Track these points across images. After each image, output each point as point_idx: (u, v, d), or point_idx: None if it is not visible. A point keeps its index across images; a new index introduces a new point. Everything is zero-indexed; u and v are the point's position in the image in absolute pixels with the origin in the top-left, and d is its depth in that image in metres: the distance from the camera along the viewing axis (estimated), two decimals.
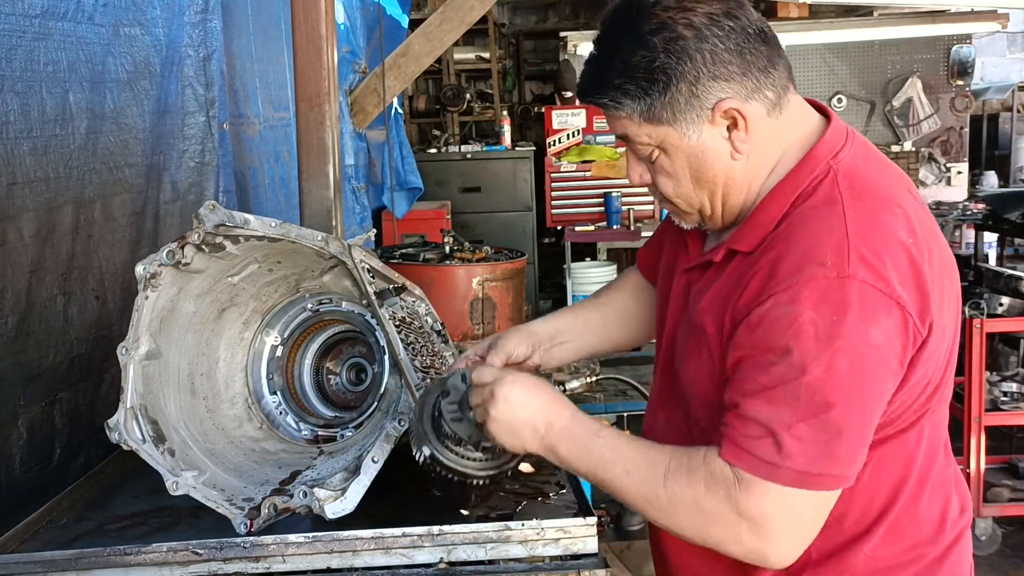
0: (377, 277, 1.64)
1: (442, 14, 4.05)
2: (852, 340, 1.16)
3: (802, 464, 1.15)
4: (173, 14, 2.42)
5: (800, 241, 1.24)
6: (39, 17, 1.87)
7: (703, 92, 1.27)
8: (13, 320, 1.80)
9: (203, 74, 2.54)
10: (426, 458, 1.37)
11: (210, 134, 2.57)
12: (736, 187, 1.35)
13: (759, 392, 1.19)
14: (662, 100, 1.27)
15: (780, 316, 1.19)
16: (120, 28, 2.16)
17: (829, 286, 1.18)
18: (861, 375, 1.17)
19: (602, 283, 6.76)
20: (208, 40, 2.56)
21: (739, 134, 1.30)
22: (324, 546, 1.41)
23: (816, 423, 1.16)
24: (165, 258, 1.54)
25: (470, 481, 1.39)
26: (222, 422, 1.71)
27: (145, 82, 2.28)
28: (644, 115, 1.29)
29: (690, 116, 1.29)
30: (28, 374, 1.85)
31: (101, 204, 2.10)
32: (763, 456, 1.17)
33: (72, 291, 1.99)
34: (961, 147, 7.20)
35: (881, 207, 1.26)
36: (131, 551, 1.41)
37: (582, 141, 6.98)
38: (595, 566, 1.40)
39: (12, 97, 1.79)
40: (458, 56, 8.85)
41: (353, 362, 1.84)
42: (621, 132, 1.35)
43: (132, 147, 2.23)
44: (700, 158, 1.32)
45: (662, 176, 1.36)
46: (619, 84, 1.29)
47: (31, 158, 1.84)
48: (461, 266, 2.62)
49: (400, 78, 4.20)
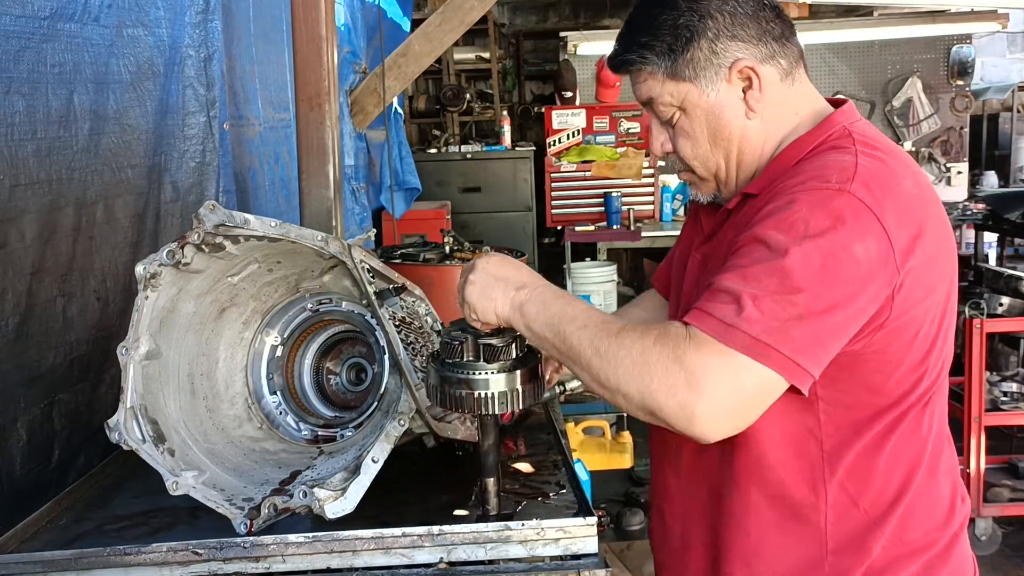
0: (377, 277, 1.64)
1: (442, 14, 4.05)
2: (834, 243, 1.20)
3: (756, 331, 1.17)
4: (175, 14, 2.42)
5: (809, 169, 1.31)
6: (48, 19, 1.87)
7: (722, 50, 1.36)
8: (13, 322, 1.80)
9: (204, 74, 2.54)
10: (434, 385, 1.39)
11: (211, 134, 2.57)
12: (750, 147, 1.41)
13: (735, 269, 1.23)
14: (684, 57, 1.36)
15: (773, 212, 1.25)
16: (123, 29, 2.16)
17: (827, 195, 1.24)
18: (835, 275, 1.20)
19: (602, 283, 6.78)
20: (209, 40, 2.56)
21: (754, 94, 1.38)
22: (324, 546, 1.41)
23: (781, 300, 1.18)
24: (165, 258, 1.54)
25: (479, 395, 1.36)
26: (222, 422, 1.71)
27: (148, 83, 2.28)
28: (668, 71, 1.38)
29: (709, 73, 1.37)
30: (28, 376, 1.85)
31: (103, 205, 2.10)
32: (721, 317, 1.18)
33: (72, 292, 1.99)
34: (961, 147, 7.20)
35: (894, 161, 1.32)
36: (131, 551, 1.41)
37: (582, 141, 6.97)
38: (595, 566, 1.40)
39: (18, 99, 1.79)
40: (458, 56, 8.85)
41: (353, 362, 1.84)
42: (646, 96, 1.43)
43: (135, 148, 2.23)
44: (717, 116, 1.39)
45: (681, 139, 1.43)
46: (646, 42, 1.38)
47: (35, 160, 1.85)
48: (461, 266, 2.62)
49: (400, 78, 4.20)
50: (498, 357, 1.37)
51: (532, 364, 1.40)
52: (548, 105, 7.55)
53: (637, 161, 6.79)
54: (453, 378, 1.37)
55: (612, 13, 9.81)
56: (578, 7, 10.20)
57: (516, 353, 1.39)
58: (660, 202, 6.86)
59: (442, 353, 1.41)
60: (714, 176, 1.46)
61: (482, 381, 1.36)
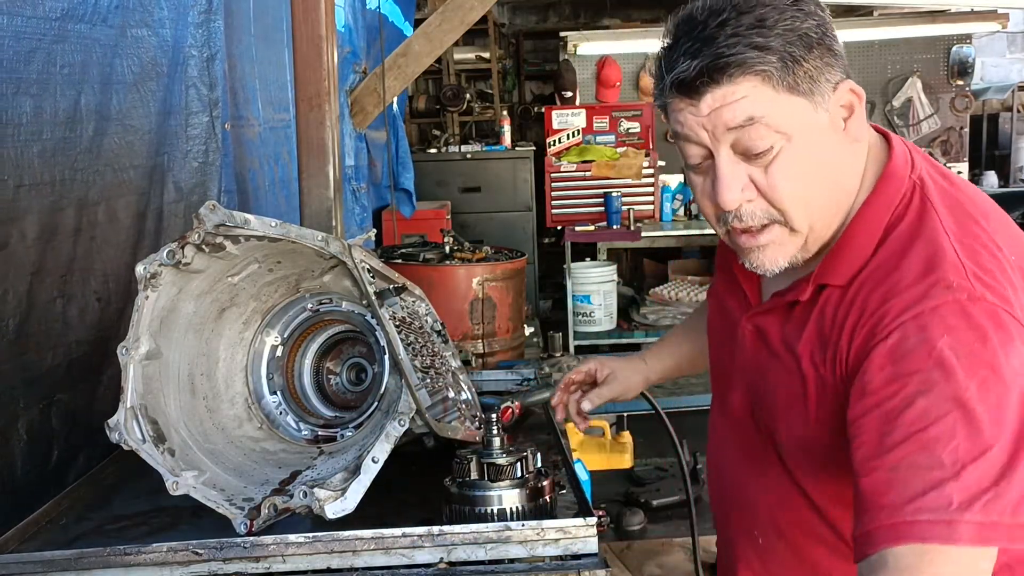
0: (377, 277, 1.64)
1: (442, 14, 4.05)
2: (998, 368, 1.01)
3: (980, 515, 0.95)
4: (178, 14, 2.43)
5: (910, 267, 1.09)
6: (59, 20, 1.87)
7: (827, 67, 1.13)
8: (14, 323, 1.80)
9: (207, 74, 2.54)
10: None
11: (213, 134, 2.57)
12: (838, 197, 1.17)
13: (907, 439, 1.00)
14: (804, 66, 1.11)
15: (912, 348, 1.03)
16: (128, 29, 2.17)
17: (961, 310, 1.04)
18: (1018, 406, 1.00)
19: (602, 283, 6.76)
20: (211, 40, 2.56)
21: (855, 123, 1.14)
22: (324, 546, 1.41)
23: (983, 464, 0.97)
24: (165, 258, 1.54)
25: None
26: (222, 422, 1.71)
27: (152, 83, 2.29)
28: (787, 82, 1.10)
29: (822, 91, 1.12)
30: (27, 376, 1.85)
31: (105, 206, 2.10)
32: (935, 515, 0.96)
33: (73, 293, 1.99)
34: (961, 147, 7.20)
35: (973, 221, 1.14)
36: (131, 551, 1.41)
37: (582, 141, 6.97)
38: (595, 566, 1.40)
39: (26, 99, 1.79)
40: (458, 56, 8.85)
41: (353, 362, 1.84)
42: (745, 115, 1.11)
43: (137, 148, 2.24)
44: (826, 146, 1.14)
45: (779, 179, 1.13)
46: (760, 43, 1.09)
47: (39, 160, 1.85)
48: (461, 266, 2.62)
49: (400, 78, 4.20)
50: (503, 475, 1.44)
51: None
52: (548, 105, 7.55)
53: (637, 161, 6.79)
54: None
55: (612, 13, 9.81)
56: (578, 7, 10.20)
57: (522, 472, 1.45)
58: (660, 202, 6.86)
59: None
60: (810, 230, 1.17)
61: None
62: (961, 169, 7.18)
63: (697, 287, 6.72)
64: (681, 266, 7.06)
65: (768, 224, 1.16)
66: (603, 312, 6.48)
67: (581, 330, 6.47)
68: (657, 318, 6.56)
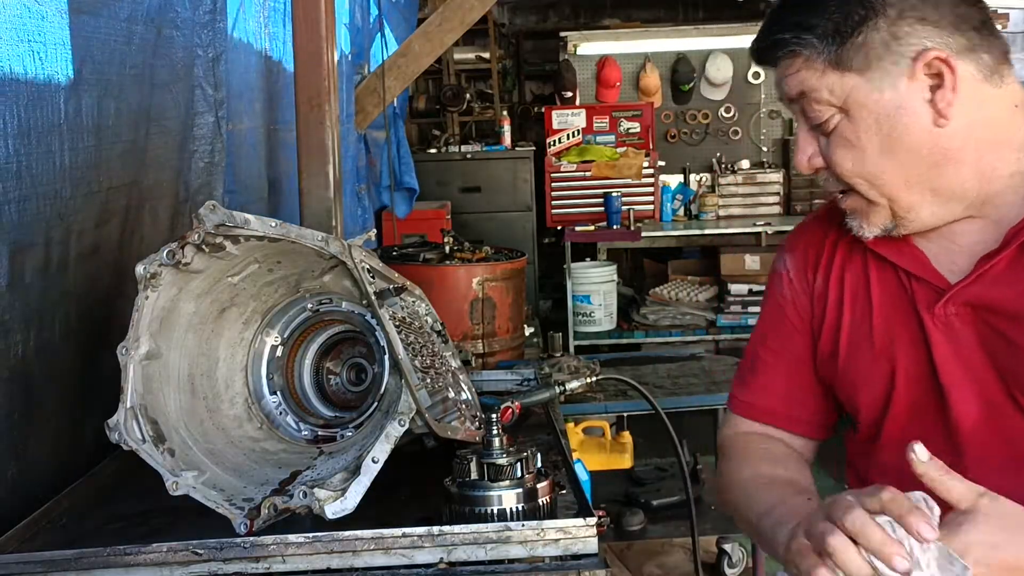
0: (377, 277, 1.64)
1: (442, 14, 4.05)
2: None
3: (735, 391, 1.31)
4: (191, 14, 2.44)
5: None
6: (125, 21, 1.90)
7: (905, 36, 1.08)
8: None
9: (212, 75, 2.55)
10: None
11: (219, 135, 2.58)
12: (953, 166, 1.11)
13: None
14: (854, 40, 1.08)
15: None
16: (163, 30, 2.21)
17: None
18: None
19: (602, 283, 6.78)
20: (216, 41, 2.57)
21: (944, 94, 1.08)
22: (324, 546, 1.41)
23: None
24: (165, 258, 1.54)
25: None
26: (222, 422, 1.71)
27: (180, 84, 2.33)
28: (831, 59, 1.10)
29: (885, 65, 1.08)
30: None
31: (150, 207, 2.14)
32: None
33: (129, 294, 2.01)
34: None
35: None
36: (131, 551, 1.41)
37: (582, 141, 6.98)
38: (595, 566, 1.40)
39: (110, 102, 1.84)
40: (458, 56, 8.84)
41: (353, 362, 1.84)
42: (796, 90, 1.14)
43: (172, 150, 2.28)
44: (893, 121, 1.10)
45: (840, 150, 1.13)
46: (803, 20, 1.10)
47: (119, 162, 1.91)
48: (461, 266, 2.62)
49: (400, 78, 4.20)
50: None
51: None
52: (548, 105, 7.55)
53: (637, 161, 6.79)
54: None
55: (612, 13, 9.81)
56: (578, 7, 10.19)
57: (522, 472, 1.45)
58: (660, 202, 6.87)
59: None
60: (888, 201, 1.14)
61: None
62: None
63: (697, 287, 6.72)
64: (681, 266, 7.06)
65: (846, 191, 1.17)
66: (603, 312, 6.48)
67: (581, 330, 6.48)
68: (657, 318, 6.56)
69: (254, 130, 3.00)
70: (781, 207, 7.08)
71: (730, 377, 3.59)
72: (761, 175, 7.13)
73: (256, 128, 3.03)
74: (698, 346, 5.84)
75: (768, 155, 7.29)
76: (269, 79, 3.12)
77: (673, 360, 3.78)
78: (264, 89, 3.08)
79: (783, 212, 7.07)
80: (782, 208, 7.08)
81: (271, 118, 3.13)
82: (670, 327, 6.53)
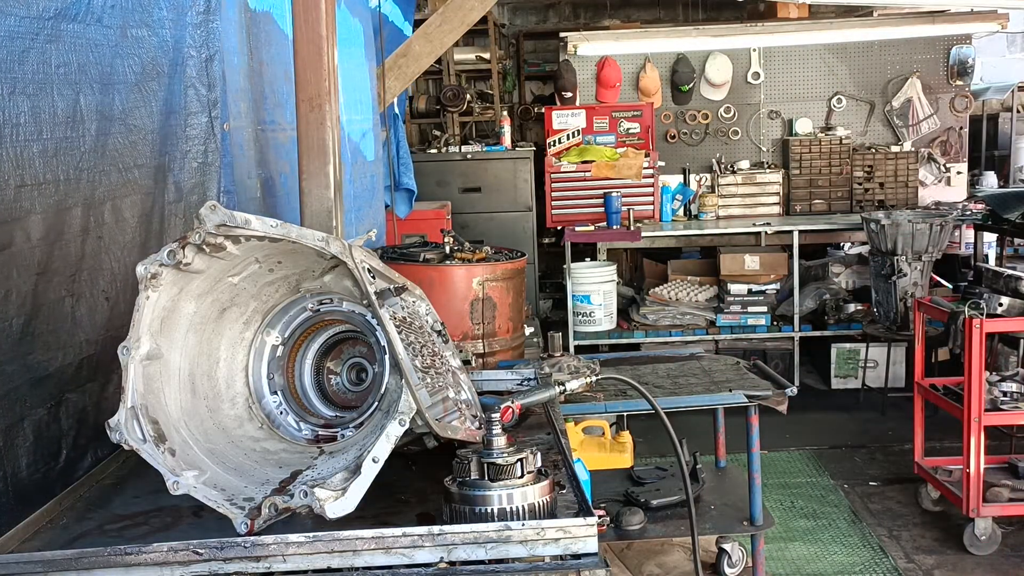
0: (377, 277, 1.64)
1: (442, 14, 4.05)
2: None
3: None
4: (178, 15, 2.43)
5: None
6: (52, 19, 1.87)
7: None
8: (18, 322, 1.80)
9: (205, 75, 2.55)
10: None
11: (212, 135, 2.58)
12: None
13: None
14: None
15: None
16: (128, 29, 2.17)
17: None
18: None
19: (602, 283, 6.77)
20: (210, 41, 2.56)
21: None
22: (324, 546, 1.41)
23: None
24: (166, 258, 1.54)
25: None
26: (223, 422, 1.71)
27: (153, 83, 2.29)
28: None
29: None
30: (35, 376, 1.85)
31: (111, 205, 2.11)
32: None
33: (81, 292, 1.99)
34: (961, 147, 7.20)
35: None
36: (131, 551, 1.41)
37: (582, 141, 6.98)
38: (595, 566, 1.40)
39: (23, 99, 1.79)
40: (458, 56, 8.84)
41: (353, 362, 1.84)
42: None
43: (140, 148, 2.24)
44: None
45: None
46: None
47: (41, 160, 1.85)
48: (461, 266, 2.62)
49: (400, 78, 4.20)
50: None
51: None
52: (548, 105, 7.56)
53: (637, 161, 6.80)
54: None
55: (612, 13, 9.81)
56: (578, 7, 10.19)
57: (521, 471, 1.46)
58: (660, 202, 6.87)
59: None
60: None
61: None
62: (961, 169, 7.18)
63: (697, 287, 6.72)
64: (681, 266, 7.06)
65: None
66: (603, 312, 6.49)
67: (581, 330, 6.48)
68: (657, 318, 6.56)
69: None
70: (781, 207, 7.09)
71: (730, 377, 3.60)
72: (761, 175, 7.14)
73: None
74: (698, 346, 5.84)
75: (768, 155, 7.30)
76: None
77: (673, 360, 3.78)
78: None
79: (783, 212, 7.08)
80: (782, 208, 7.09)
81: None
82: (670, 327, 6.54)
